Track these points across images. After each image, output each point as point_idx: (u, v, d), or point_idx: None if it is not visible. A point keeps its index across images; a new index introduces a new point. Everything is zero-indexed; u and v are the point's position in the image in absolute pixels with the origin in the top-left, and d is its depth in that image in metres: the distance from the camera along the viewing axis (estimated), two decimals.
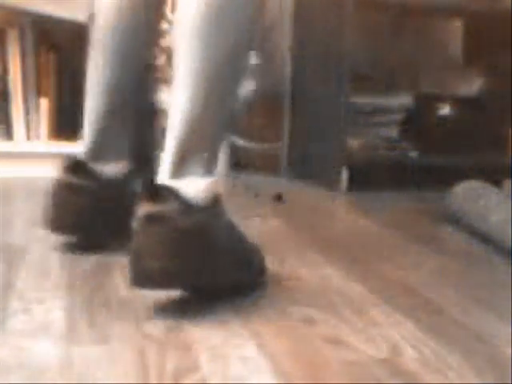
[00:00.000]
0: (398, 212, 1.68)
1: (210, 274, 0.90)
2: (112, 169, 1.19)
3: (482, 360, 0.79)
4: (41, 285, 0.99)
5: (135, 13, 1.16)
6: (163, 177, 0.91)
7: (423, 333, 0.86)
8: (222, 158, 1.00)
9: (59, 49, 2.08)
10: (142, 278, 0.87)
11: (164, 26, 2.12)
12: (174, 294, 0.94)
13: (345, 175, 1.90)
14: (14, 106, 2.02)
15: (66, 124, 2.06)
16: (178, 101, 0.92)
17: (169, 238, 0.86)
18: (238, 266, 0.95)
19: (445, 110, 2.13)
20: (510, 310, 0.96)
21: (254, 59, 2.14)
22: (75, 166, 1.17)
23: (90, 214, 1.16)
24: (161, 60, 2.11)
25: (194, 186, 0.89)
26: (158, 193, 0.87)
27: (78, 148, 1.21)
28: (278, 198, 1.74)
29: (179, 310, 0.91)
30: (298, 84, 2.20)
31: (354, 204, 1.78)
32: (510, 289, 1.06)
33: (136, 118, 1.23)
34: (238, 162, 2.22)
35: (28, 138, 2.02)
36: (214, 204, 0.91)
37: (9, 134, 2.03)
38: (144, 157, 1.24)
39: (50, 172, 1.18)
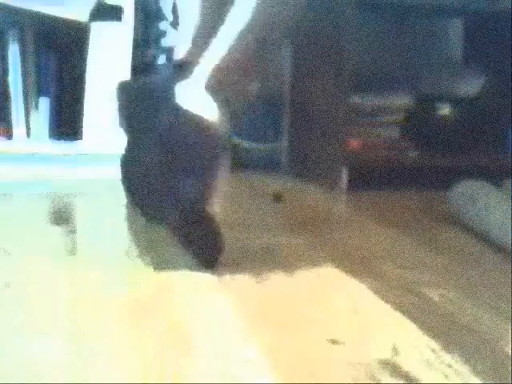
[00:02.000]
0: (398, 212, 1.68)
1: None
2: None
3: (482, 360, 0.79)
4: (41, 284, 0.99)
5: None
6: None
7: (423, 333, 0.86)
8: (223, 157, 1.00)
9: (59, 49, 2.08)
10: None
11: (164, 26, 2.12)
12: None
13: (345, 175, 1.90)
14: (14, 106, 2.02)
15: (66, 124, 2.06)
16: None
17: None
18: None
19: (445, 110, 2.12)
20: (510, 310, 0.96)
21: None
22: None
23: None
24: (161, 59, 2.10)
25: None
26: None
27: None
28: (278, 197, 1.74)
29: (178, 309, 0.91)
30: (298, 83, 2.20)
31: (353, 204, 1.78)
32: (510, 289, 1.06)
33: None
34: (238, 162, 2.22)
35: (28, 137, 2.02)
36: None
37: (9, 134, 2.03)
38: None
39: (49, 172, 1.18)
